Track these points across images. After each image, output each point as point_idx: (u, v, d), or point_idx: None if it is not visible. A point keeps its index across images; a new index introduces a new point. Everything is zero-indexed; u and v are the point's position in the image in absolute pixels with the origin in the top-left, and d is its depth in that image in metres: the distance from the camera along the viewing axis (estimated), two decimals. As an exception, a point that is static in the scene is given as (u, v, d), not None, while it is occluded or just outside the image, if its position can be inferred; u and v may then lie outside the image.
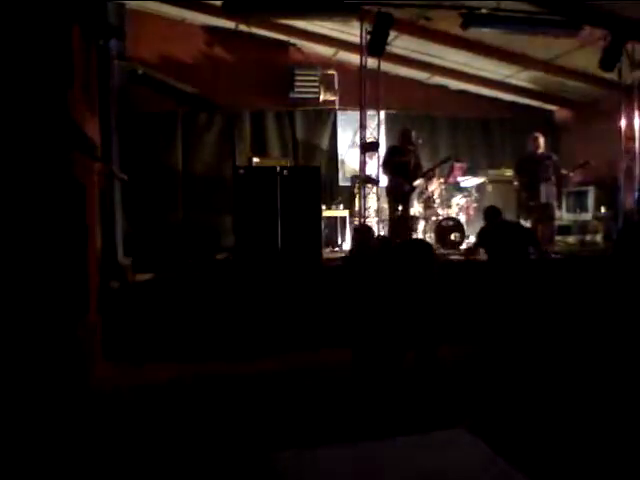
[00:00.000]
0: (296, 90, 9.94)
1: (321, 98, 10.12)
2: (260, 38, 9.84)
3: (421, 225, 8.54)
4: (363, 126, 8.54)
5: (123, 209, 7.45)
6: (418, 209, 8.54)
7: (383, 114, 9.50)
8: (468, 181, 9.21)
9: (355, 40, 8.44)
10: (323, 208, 8.02)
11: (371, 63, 8.44)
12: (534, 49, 8.96)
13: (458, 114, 10.85)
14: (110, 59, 6.87)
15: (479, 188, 9.27)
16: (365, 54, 8.26)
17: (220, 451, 3.85)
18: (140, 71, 9.13)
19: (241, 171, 7.26)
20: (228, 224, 8.31)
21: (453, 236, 8.20)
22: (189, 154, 9.82)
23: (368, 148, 8.59)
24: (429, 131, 10.54)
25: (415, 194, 8.43)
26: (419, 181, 8.25)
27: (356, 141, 9.27)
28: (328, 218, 9.18)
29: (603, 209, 9.39)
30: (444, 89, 10.87)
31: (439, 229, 8.23)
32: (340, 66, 10.20)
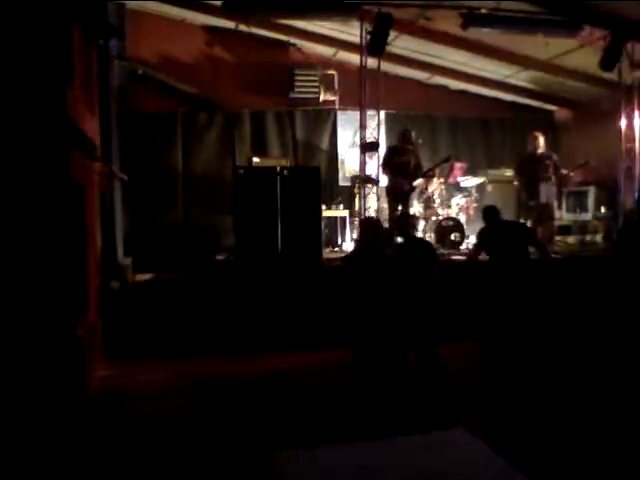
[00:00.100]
0: (296, 90, 9.93)
1: (321, 98, 10.12)
2: (260, 38, 9.84)
3: (421, 225, 8.54)
4: (363, 126, 8.53)
5: (123, 209, 7.45)
6: (418, 209, 8.54)
7: (383, 114, 9.49)
8: (468, 181, 9.21)
9: (355, 40, 8.43)
10: (323, 208, 8.02)
11: (371, 63, 8.43)
12: (534, 49, 8.94)
13: (458, 114, 10.84)
14: (110, 59, 6.87)
15: (479, 188, 9.27)
16: (365, 54, 8.26)
17: (220, 451, 3.85)
18: (140, 71, 9.15)
19: (241, 171, 7.26)
20: (228, 224, 8.30)
21: (453, 236, 8.20)
22: (189, 154, 9.82)
23: (368, 148, 8.59)
24: (429, 131, 10.53)
25: (415, 194, 8.44)
26: (419, 181, 8.26)
27: (356, 141, 9.27)
28: (328, 218, 9.18)
29: (603, 209, 9.38)
30: (444, 89, 10.86)
31: (439, 229, 8.23)
32: (340, 66, 10.20)
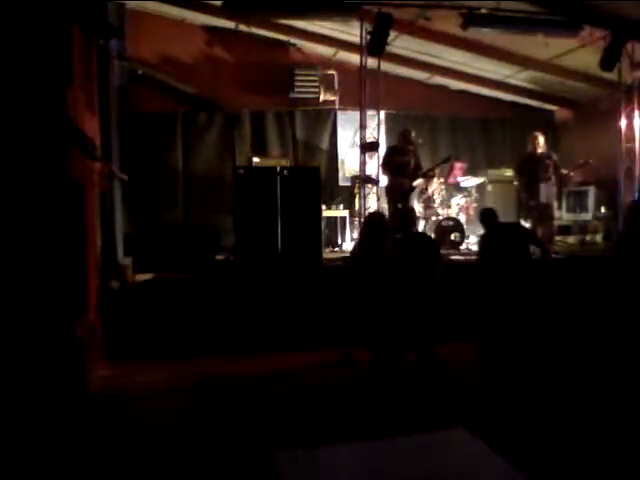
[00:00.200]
0: (296, 90, 9.93)
1: (321, 98, 10.12)
2: (260, 38, 9.83)
3: (421, 225, 8.54)
4: (363, 126, 8.53)
5: (123, 209, 7.46)
6: (418, 209, 8.53)
7: (383, 114, 9.49)
8: (468, 181, 9.21)
9: (355, 40, 8.43)
10: (323, 208, 8.02)
11: (371, 63, 8.43)
12: (534, 49, 8.94)
13: (458, 114, 10.83)
14: (110, 59, 6.88)
15: (479, 188, 9.27)
16: (365, 54, 8.25)
17: (220, 451, 3.85)
18: (140, 71, 9.15)
19: (241, 171, 7.26)
20: (228, 224, 8.30)
21: (453, 236, 8.21)
22: (189, 154, 9.82)
23: (368, 148, 8.58)
24: (429, 131, 10.52)
25: (415, 194, 8.43)
26: (419, 181, 8.26)
27: (356, 141, 9.26)
28: (328, 218, 9.18)
29: (603, 209, 9.38)
30: (444, 89, 10.86)
31: (439, 229, 8.23)
32: (340, 66, 10.19)
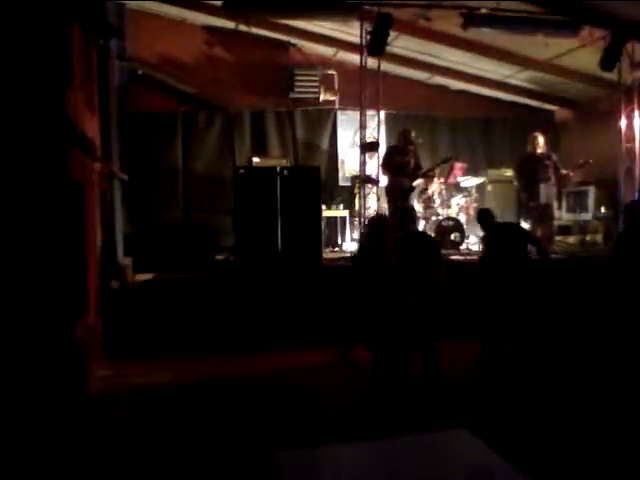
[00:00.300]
0: (296, 90, 9.93)
1: (321, 98, 10.12)
2: (260, 38, 9.83)
3: (421, 225, 8.54)
4: (363, 126, 8.52)
5: (123, 209, 7.46)
6: (418, 209, 8.53)
7: (383, 114, 9.49)
8: (468, 181, 9.21)
9: (355, 40, 8.43)
10: (323, 208, 8.02)
11: (371, 63, 8.43)
12: (534, 49, 8.95)
13: (458, 114, 10.83)
14: (110, 59, 6.88)
15: (479, 188, 9.27)
16: (365, 54, 8.25)
17: (220, 451, 3.85)
18: (140, 71, 9.15)
19: (241, 171, 7.26)
20: (228, 224, 8.30)
21: (453, 236, 8.21)
22: (189, 154, 9.82)
23: (368, 148, 8.58)
24: (429, 131, 10.53)
25: (415, 194, 8.43)
26: (419, 181, 8.26)
27: (356, 141, 9.26)
28: (328, 218, 9.18)
29: (603, 209, 9.38)
30: (444, 89, 10.86)
31: (439, 229, 8.22)
32: (340, 66, 10.19)
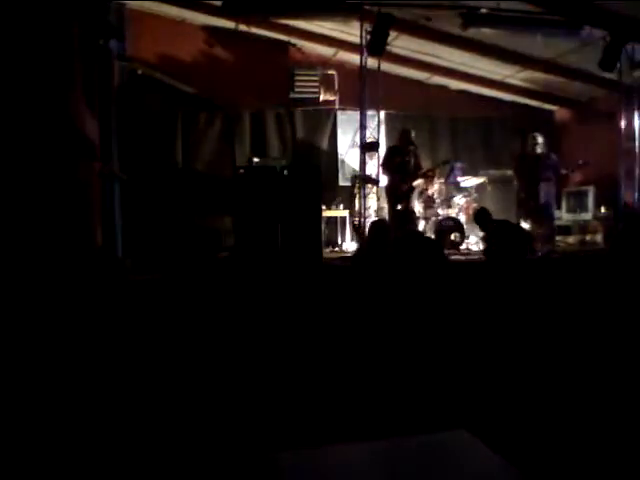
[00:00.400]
0: (296, 90, 9.93)
1: (321, 98, 10.12)
2: (260, 38, 9.83)
3: (421, 225, 8.55)
4: (363, 126, 8.53)
5: (123, 209, 7.45)
6: (418, 209, 8.54)
7: (383, 114, 9.50)
8: (468, 181, 9.21)
9: (355, 40, 8.44)
10: (323, 208, 8.03)
11: (371, 63, 8.44)
12: (534, 49, 8.95)
13: (458, 114, 10.84)
14: (110, 59, 6.88)
15: (479, 188, 9.27)
16: (365, 54, 8.26)
17: (219, 451, 3.86)
18: (140, 71, 9.14)
19: (241, 171, 7.26)
20: (228, 224, 8.31)
21: (453, 236, 8.21)
22: (189, 154, 9.82)
23: (368, 148, 8.59)
24: (429, 131, 10.54)
25: (415, 194, 8.44)
26: (419, 181, 8.27)
27: (356, 141, 9.27)
28: (328, 218, 9.19)
29: (603, 209, 9.39)
30: (444, 89, 10.86)
31: (439, 229, 8.23)
32: (340, 66, 10.19)
